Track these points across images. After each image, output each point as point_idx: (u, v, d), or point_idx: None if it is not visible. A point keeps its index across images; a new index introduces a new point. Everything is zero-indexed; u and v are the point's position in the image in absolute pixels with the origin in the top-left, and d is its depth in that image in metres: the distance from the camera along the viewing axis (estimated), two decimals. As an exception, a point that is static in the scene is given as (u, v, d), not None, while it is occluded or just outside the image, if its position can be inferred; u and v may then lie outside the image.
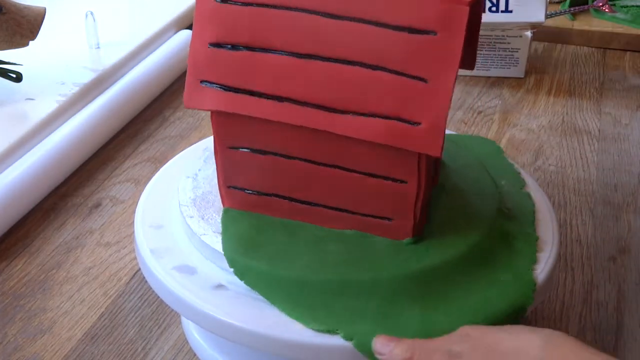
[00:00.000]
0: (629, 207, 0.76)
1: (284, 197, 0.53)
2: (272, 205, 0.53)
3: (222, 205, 0.55)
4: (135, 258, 0.66)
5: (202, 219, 0.54)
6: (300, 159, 0.51)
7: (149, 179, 0.62)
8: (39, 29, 0.83)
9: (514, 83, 0.99)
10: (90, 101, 0.86)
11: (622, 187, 0.79)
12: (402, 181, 0.50)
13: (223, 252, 0.51)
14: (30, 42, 0.84)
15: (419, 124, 0.46)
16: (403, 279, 0.49)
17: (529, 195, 0.58)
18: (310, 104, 0.48)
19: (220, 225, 0.53)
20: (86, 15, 0.94)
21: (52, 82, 0.87)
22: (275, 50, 0.48)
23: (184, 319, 0.60)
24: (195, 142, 0.67)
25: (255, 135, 0.51)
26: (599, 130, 0.89)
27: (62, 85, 0.86)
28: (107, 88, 0.88)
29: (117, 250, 0.69)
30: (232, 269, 0.50)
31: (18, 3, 0.83)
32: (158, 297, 0.53)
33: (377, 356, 0.45)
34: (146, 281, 0.55)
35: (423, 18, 0.45)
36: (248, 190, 0.54)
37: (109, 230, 0.72)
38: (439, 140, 0.46)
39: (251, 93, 0.49)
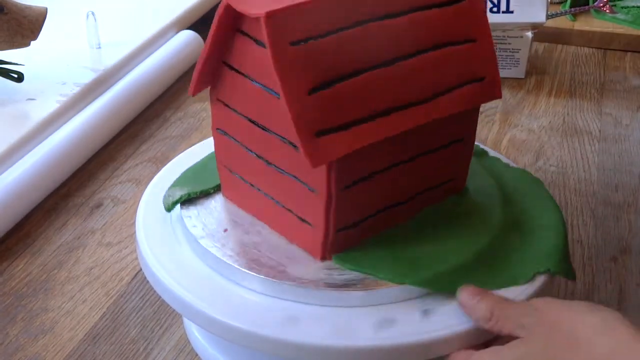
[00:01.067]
0: (630, 207, 0.76)
1: (384, 210, 0.53)
2: (373, 225, 0.53)
3: (318, 259, 0.52)
4: (136, 258, 0.67)
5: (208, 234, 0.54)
6: (399, 163, 0.52)
7: (150, 179, 0.62)
8: (40, 29, 0.83)
9: (515, 83, 0.99)
10: (91, 101, 0.86)
11: (623, 187, 0.79)
12: (461, 140, 0.55)
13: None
14: (32, 42, 0.84)
15: (484, 78, 0.53)
16: (494, 228, 0.54)
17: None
18: (411, 103, 0.49)
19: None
20: (87, 16, 0.94)
21: (53, 82, 0.87)
22: (365, 69, 0.48)
23: (185, 319, 0.60)
24: (196, 143, 0.67)
25: (369, 161, 0.50)
26: (599, 131, 0.89)
27: (63, 85, 0.86)
28: (108, 88, 0.89)
29: (119, 251, 0.69)
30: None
31: (19, 3, 0.83)
32: (160, 297, 0.53)
33: (461, 306, 0.48)
34: (148, 281, 0.55)
35: None
36: (356, 223, 0.52)
37: (110, 230, 0.72)
38: (499, 85, 0.54)
39: (365, 120, 0.48)
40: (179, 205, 0.56)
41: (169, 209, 0.57)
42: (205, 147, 0.64)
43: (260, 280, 0.50)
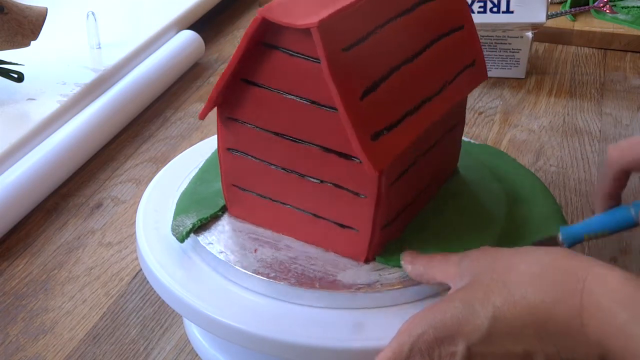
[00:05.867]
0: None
1: (409, 204, 0.54)
2: (404, 219, 0.54)
3: (362, 262, 0.52)
4: (136, 258, 0.67)
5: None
6: (424, 153, 0.54)
7: (151, 179, 0.62)
8: (41, 29, 0.83)
9: (515, 84, 0.99)
10: (92, 101, 0.86)
11: (623, 187, 0.79)
12: (457, 124, 0.57)
13: None
14: (32, 42, 0.84)
15: (474, 62, 0.57)
16: (502, 204, 0.57)
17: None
18: (432, 95, 0.52)
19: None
20: (87, 16, 0.94)
21: (53, 82, 0.87)
22: (396, 67, 0.49)
23: (185, 319, 0.60)
24: (196, 143, 0.67)
25: (407, 156, 0.51)
26: (599, 131, 0.89)
27: (63, 85, 0.86)
28: (108, 88, 0.89)
29: (119, 251, 0.69)
30: None
31: (19, 3, 0.83)
32: (160, 297, 0.53)
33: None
34: (148, 281, 0.55)
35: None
36: (393, 220, 0.52)
37: (110, 230, 0.72)
38: (485, 67, 0.58)
39: (405, 117, 0.49)
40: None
41: (182, 239, 0.53)
42: (205, 148, 0.64)
43: (318, 295, 0.49)
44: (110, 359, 0.58)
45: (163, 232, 0.56)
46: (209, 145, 0.63)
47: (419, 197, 0.55)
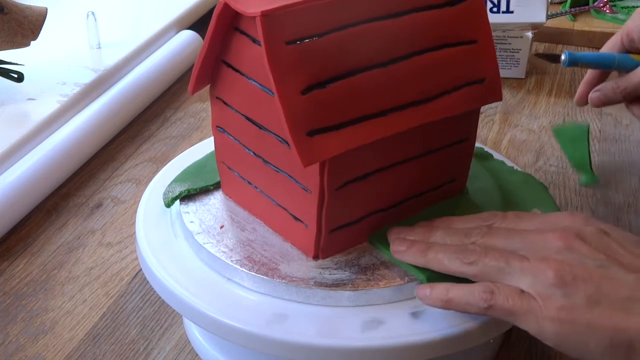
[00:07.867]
0: (630, 207, 0.76)
1: (379, 211, 0.53)
2: (366, 227, 0.53)
3: (311, 257, 0.52)
4: (136, 258, 0.67)
5: (204, 228, 0.55)
6: (396, 164, 0.52)
7: (150, 179, 0.62)
8: (41, 29, 0.83)
9: (515, 83, 0.99)
10: (92, 101, 0.86)
11: (623, 187, 0.79)
12: (461, 141, 0.55)
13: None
14: (32, 42, 0.84)
15: (484, 79, 0.53)
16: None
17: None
18: (408, 105, 0.49)
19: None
20: (87, 16, 0.94)
21: (53, 82, 0.87)
22: (361, 69, 0.48)
23: (185, 319, 0.60)
24: (196, 143, 0.67)
25: (364, 162, 0.50)
26: (599, 131, 0.89)
27: (63, 85, 0.86)
28: (108, 88, 0.89)
29: (119, 251, 0.69)
30: None
31: (19, 3, 0.83)
32: (160, 297, 0.53)
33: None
34: (148, 281, 0.55)
35: None
36: (351, 223, 0.52)
37: (110, 230, 0.72)
38: (500, 87, 0.53)
39: (359, 120, 0.47)
40: (178, 201, 0.57)
41: (168, 204, 0.57)
42: (205, 147, 0.64)
43: (251, 277, 0.50)
44: (110, 359, 0.58)
45: (163, 232, 0.56)
46: (209, 145, 0.63)
47: (396, 207, 0.54)
